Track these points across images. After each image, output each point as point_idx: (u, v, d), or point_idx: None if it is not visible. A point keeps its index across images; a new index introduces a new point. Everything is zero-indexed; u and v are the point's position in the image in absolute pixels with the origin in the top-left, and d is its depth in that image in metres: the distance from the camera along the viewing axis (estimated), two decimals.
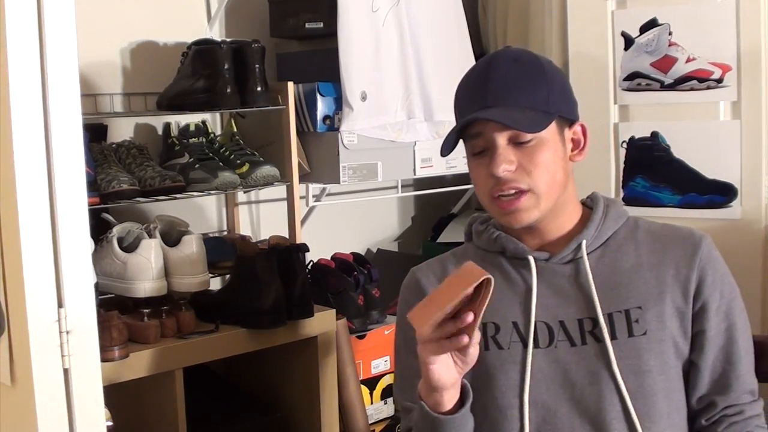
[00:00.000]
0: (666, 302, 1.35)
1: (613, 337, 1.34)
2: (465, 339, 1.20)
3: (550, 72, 1.37)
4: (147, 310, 1.92)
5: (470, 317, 1.18)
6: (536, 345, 1.36)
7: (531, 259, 1.40)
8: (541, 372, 1.35)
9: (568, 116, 1.39)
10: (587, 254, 1.38)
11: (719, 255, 1.40)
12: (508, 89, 1.33)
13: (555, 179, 1.35)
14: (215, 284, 2.24)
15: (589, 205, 1.46)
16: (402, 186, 2.74)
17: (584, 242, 1.39)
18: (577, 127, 1.41)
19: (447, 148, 1.38)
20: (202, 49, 2.17)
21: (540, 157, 1.33)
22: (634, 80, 2.38)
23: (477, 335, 1.22)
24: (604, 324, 1.34)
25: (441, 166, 2.62)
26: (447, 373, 1.25)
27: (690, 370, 1.38)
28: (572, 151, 1.41)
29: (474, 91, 1.37)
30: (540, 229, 1.40)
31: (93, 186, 1.91)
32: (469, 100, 1.37)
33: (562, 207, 1.40)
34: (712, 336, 1.36)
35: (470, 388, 1.31)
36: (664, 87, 2.34)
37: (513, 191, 1.34)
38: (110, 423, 1.62)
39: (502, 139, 1.33)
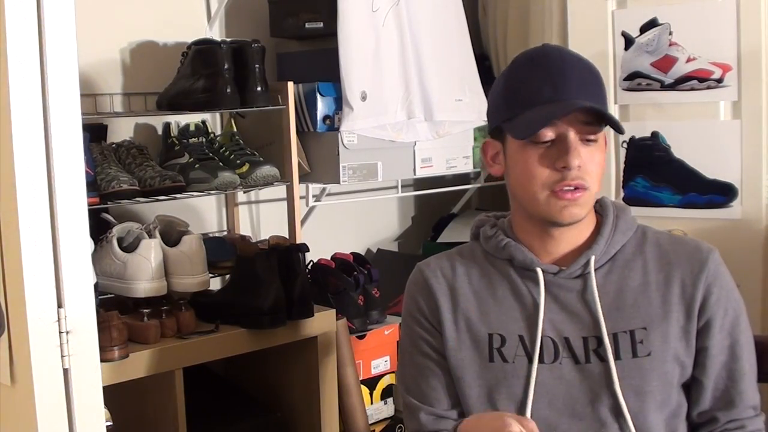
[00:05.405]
0: (671, 322, 1.34)
1: (617, 357, 1.33)
2: None
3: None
4: (147, 310, 1.92)
5: None
6: (541, 360, 1.35)
7: (540, 271, 1.38)
8: (544, 387, 1.34)
9: None
10: (595, 270, 1.37)
11: (726, 270, 1.39)
12: (588, 86, 1.32)
13: (601, 180, 1.35)
14: (215, 284, 2.24)
15: (598, 211, 1.43)
16: (402, 186, 2.74)
17: (593, 258, 1.37)
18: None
19: (530, 130, 1.31)
20: (202, 49, 2.17)
21: (599, 156, 1.33)
22: (635, 80, 2.38)
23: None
24: (609, 344, 1.33)
25: (441, 166, 2.62)
26: None
27: (692, 385, 1.37)
28: None
29: (549, 79, 1.31)
30: (555, 238, 1.38)
31: (93, 186, 1.91)
32: (545, 85, 1.31)
33: None
34: (715, 353, 1.35)
35: None
36: (665, 87, 2.33)
37: (574, 187, 1.31)
38: (110, 423, 1.62)
39: (574, 133, 1.30)
